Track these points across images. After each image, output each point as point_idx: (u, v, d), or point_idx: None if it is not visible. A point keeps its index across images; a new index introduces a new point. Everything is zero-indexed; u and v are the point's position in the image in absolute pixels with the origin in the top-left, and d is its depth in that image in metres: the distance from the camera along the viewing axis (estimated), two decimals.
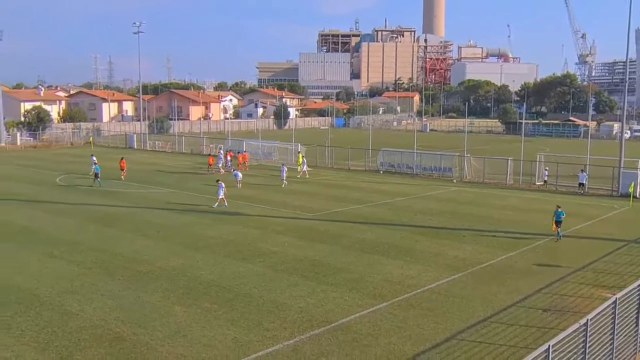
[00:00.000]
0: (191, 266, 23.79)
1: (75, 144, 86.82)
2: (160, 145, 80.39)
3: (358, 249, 26.89)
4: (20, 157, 68.03)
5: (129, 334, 17.01)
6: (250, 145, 64.66)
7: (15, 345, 16.21)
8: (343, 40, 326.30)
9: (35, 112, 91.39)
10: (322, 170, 57.13)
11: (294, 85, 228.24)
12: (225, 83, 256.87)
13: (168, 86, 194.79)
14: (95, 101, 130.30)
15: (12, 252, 25.79)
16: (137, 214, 34.60)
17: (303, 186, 46.27)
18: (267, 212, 35.31)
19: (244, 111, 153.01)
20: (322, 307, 19.35)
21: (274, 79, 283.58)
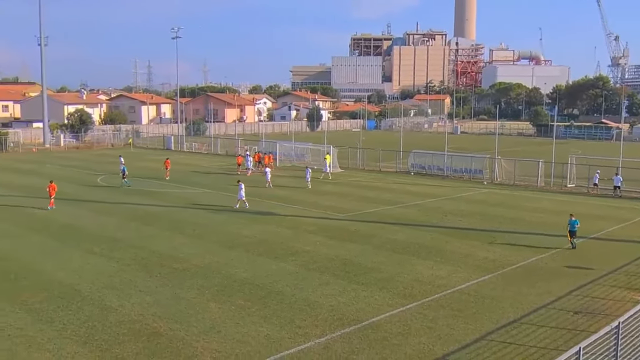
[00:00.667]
0: (226, 264, 23.98)
1: (115, 146, 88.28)
2: (197, 147, 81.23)
3: (389, 249, 26.77)
4: (63, 157, 69.50)
5: (165, 330, 17.23)
6: (283, 147, 64.88)
7: (58, 338, 16.56)
8: (375, 43, 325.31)
9: (77, 114, 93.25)
10: (354, 171, 57.05)
11: (327, 88, 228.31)
12: (260, 86, 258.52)
13: (204, 89, 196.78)
14: (134, 104, 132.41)
15: (56, 248, 26.36)
16: (174, 213, 35.04)
17: (334, 187, 46.26)
18: (300, 212, 35.40)
19: (277, 114, 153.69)
20: (353, 306, 19.31)
21: (307, 82, 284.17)
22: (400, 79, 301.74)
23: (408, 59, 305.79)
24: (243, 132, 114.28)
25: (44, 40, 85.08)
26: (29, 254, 25.30)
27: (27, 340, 16.37)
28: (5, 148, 75.46)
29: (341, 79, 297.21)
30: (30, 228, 30.41)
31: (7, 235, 28.81)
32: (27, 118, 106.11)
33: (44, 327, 17.32)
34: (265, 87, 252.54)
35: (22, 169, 56.68)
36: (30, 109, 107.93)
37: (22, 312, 18.45)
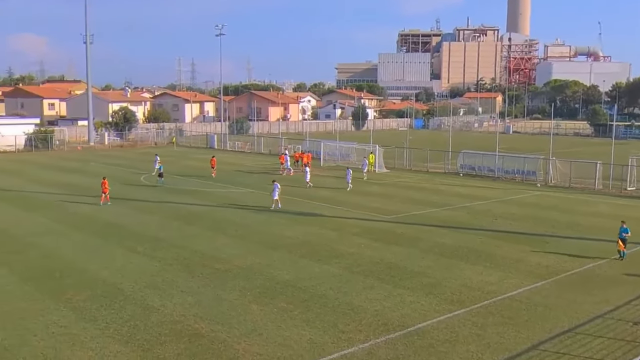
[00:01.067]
0: (268, 265, 24.17)
1: (159, 144, 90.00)
2: (240, 146, 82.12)
3: (436, 252, 26.52)
4: (107, 156, 71.28)
5: (207, 331, 17.47)
6: (327, 146, 65.01)
7: (100, 337, 16.99)
8: (423, 40, 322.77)
9: (122, 112, 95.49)
10: (400, 172, 56.72)
11: (373, 86, 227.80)
12: (304, 84, 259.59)
13: (248, 87, 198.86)
14: (178, 102, 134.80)
15: (99, 247, 27.06)
16: (216, 212, 35.51)
17: (380, 188, 46.09)
18: (344, 213, 35.40)
19: (322, 112, 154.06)
20: (398, 311, 19.20)
21: (352, 79, 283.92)
22: (450, 77, 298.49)
23: (458, 55, 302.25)
24: (287, 130, 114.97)
25: (89, 38, 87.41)
26: (73, 252, 26.04)
27: (70, 338, 16.85)
28: (51, 146, 77.83)
29: (388, 76, 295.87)
30: (75, 226, 31.29)
31: (52, 233, 29.72)
32: (72, 116, 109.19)
33: (87, 325, 17.79)
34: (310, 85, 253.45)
35: (67, 167, 58.36)
36: (75, 107, 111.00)
37: (66, 310, 19.00)
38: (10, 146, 74.47)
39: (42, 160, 64.37)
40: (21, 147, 75.76)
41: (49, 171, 55.00)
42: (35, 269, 23.40)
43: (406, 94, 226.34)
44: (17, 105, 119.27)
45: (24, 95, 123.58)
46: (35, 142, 76.70)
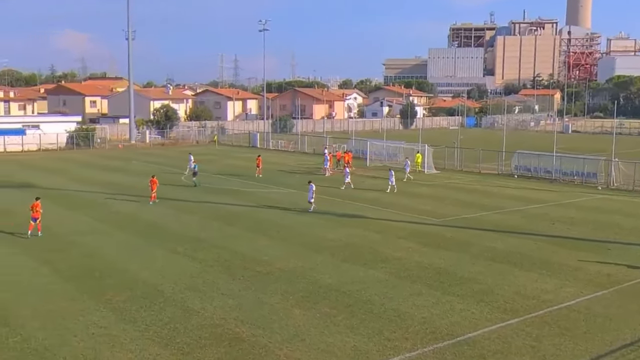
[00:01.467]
0: (311, 269, 24.26)
1: (200, 142, 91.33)
2: (283, 145, 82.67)
3: (488, 258, 26.17)
4: (148, 154, 72.70)
5: (247, 335, 17.65)
6: (374, 145, 64.86)
7: (140, 339, 17.35)
8: (476, 34, 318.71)
9: (163, 110, 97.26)
10: (450, 172, 56.19)
11: (422, 83, 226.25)
12: (350, 80, 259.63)
13: (292, 84, 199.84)
14: (220, 99, 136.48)
15: (140, 247, 27.63)
16: (258, 213, 35.83)
17: (429, 189, 45.75)
18: (390, 215, 35.25)
19: (368, 110, 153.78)
20: (447, 319, 19.03)
21: (400, 76, 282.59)
22: (504, 72, 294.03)
23: (513, 50, 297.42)
24: (331, 129, 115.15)
25: (131, 34, 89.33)
26: (114, 252, 26.66)
27: (110, 339, 17.26)
28: (92, 144, 79.84)
29: (438, 72, 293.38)
30: (116, 225, 32.03)
31: (94, 232, 30.50)
32: (114, 114, 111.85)
33: (127, 326, 18.19)
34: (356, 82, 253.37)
35: (109, 166, 59.77)
36: (117, 104, 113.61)
37: (106, 310, 19.47)
38: (52, 144, 76.70)
39: (83, 159, 66.10)
40: (63, 145, 77.95)
41: (91, 169, 56.42)
42: (76, 268, 24.05)
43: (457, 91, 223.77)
44: (59, 102, 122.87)
45: (66, 93, 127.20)
46: (77, 140, 78.79)
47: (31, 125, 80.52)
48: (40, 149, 75.18)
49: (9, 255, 25.90)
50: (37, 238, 28.84)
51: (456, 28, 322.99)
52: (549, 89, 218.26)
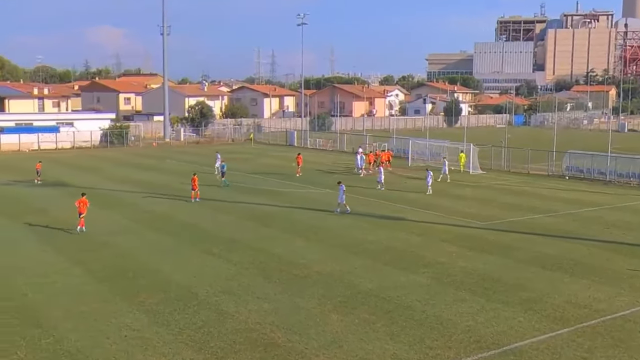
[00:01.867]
0: (349, 272, 24.25)
1: (236, 141, 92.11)
2: (321, 144, 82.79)
3: (536, 264, 25.79)
4: (183, 152, 73.62)
5: (283, 341, 17.72)
6: (416, 144, 64.53)
7: (174, 342, 17.57)
8: (525, 27, 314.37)
9: (198, 107, 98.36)
10: (497, 173, 55.58)
11: (468, 79, 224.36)
12: (392, 77, 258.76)
13: (331, 80, 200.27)
14: (256, 96, 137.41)
15: (174, 247, 28.00)
16: (295, 214, 35.96)
17: (474, 191, 45.32)
18: (433, 218, 35.02)
19: (410, 107, 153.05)
20: (493, 328, 18.81)
21: (445, 71, 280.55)
22: (555, 68, 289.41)
23: (565, 44, 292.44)
24: (372, 127, 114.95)
25: (166, 30, 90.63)
26: (147, 253, 27.08)
27: (143, 342, 17.52)
28: (126, 142, 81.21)
29: (484, 67, 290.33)
30: (149, 225, 32.52)
31: (127, 232, 31.02)
32: (148, 111, 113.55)
33: (160, 329, 18.45)
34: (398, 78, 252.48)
35: (143, 164, 60.72)
36: (151, 101, 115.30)
37: (139, 312, 19.77)
38: (85, 142, 78.31)
39: (117, 157, 67.30)
40: (97, 143, 79.50)
41: (124, 168, 57.40)
42: (109, 269, 24.50)
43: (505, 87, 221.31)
44: (93, 99, 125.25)
45: (100, 90, 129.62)
46: (111, 138, 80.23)
47: (65, 123, 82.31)
48: (74, 147, 76.82)
49: (42, 255, 26.53)
50: (69, 238, 29.49)
51: (504, 21, 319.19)
52: (604, 85, 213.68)
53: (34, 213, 35.53)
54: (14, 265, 24.94)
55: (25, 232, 30.92)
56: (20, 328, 18.37)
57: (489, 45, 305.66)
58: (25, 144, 74.38)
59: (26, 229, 31.45)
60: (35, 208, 37.14)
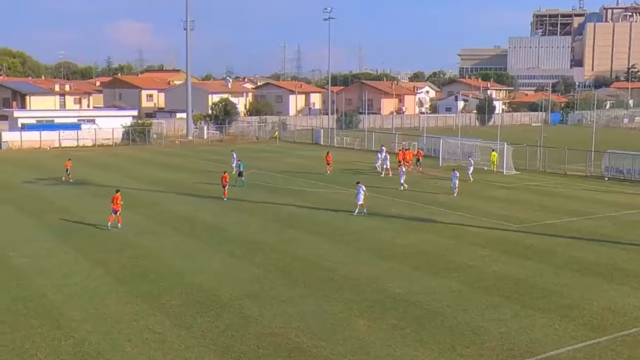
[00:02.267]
0: (377, 277, 24.20)
1: (260, 139, 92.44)
2: (348, 142, 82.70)
3: (573, 269, 25.51)
4: (206, 151, 74.08)
5: (308, 346, 17.75)
6: (447, 143, 64.21)
7: (196, 346, 17.70)
8: (563, 21, 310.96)
9: (222, 104, 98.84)
10: (532, 174, 55.07)
11: (501, 75, 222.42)
12: (422, 73, 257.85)
13: (359, 77, 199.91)
14: (282, 93, 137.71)
15: (196, 249, 28.20)
16: (321, 215, 36.00)
17: (507, 192, 44.96)
18: (465, 220, 34.81)
19: (441, 105, 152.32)
20: (527, 335, 18.64)
21: (477, 67, 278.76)
22: (594, 64, 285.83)
23: (605, 38, 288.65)
24: (401, 125, 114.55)
25: (189, 25, 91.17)
26: (168, 254, 27.31)
27: (165, 345, 17.68)
28: (148, 140, 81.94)
29: (519, 63, 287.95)
30: (171, 226, 32.80)
31: (149, 232, 31.32)
32: (170, 108, 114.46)
33: (182, 333, 18.59)
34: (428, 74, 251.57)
35: (165, 163, 61.25)
36: (174, 98, 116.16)
37: (160, 315, 19.96)
38: (107, 139, 79.19)
39: (139, 155, 67.97)
40: (118, 141, 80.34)
41: (147, 166, 57.96)
42: (130, 270, 24.76)
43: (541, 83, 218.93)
44: (115, 96, 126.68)
45: (122, 86, 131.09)
46: (133, 135, 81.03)
47: (86, 120, 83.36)
48: (96, 145, 77.72)
49: (63, 255, 26.91)
50: (90, 238, 29.87)
51: (540, 14, 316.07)
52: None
53: (55, 212, 36.04)
54: (34, 265, 25.34)
55: (46, 231, 31.38)
56: (40, 329, 18.67)
57: (524, 40, 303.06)
58: (46, 141, 75.44)
59: (47, 229, 31.92)
60: (56, 207, 37.68)
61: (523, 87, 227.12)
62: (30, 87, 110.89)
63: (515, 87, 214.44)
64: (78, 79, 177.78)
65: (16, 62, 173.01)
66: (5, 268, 24.88)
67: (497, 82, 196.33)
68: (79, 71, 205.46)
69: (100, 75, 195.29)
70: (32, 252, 27.31)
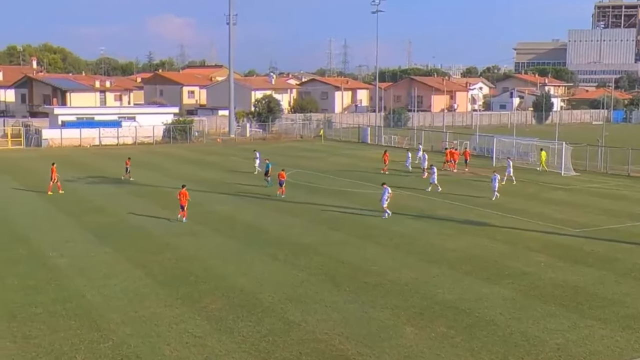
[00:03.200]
0: (426, 282, 24.05)
1: (304, 137, 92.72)
2: (397, 141, 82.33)
3: (637, 277, 24.95)
4: (249, 149, 74.50)
5: (353, 353, 17.73)
6: (501, 142, 63.45)
7: (237, 351, 17.84)
8: (627, 12, 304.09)
9: (265, 101, 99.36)
10: (592, 175, 54.04)
11: (560, 71, 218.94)
12: (475, 68, 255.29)
13: (408, 72, 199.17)
14: (327, 89, 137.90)
15: (238, 250, 28.45)
16: (367, 217, 35.92)
17: (566, 195, 44.20)
18: (519, 224, 34.34)
19: (495, 101, 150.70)
20: (586, 347, 18.31)
21: (534, 62, 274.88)
22: None
23: None
24: (452, 123, 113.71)
25: (232, 19, 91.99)
26: (209, 255, 27.59)
27: (205, 350, 17.87)
28: (189, 138, 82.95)
29: (580, 58, 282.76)
30: (212, 227, 33.14)
31: (190, 233, 31.70)
32: (212, 105, 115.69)
33: (222, 337, 18.77)
34: (482, 70, 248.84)
35: (206, 161, 61.94)
36: (216, 94, 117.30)
37: (201, 318, 20.18)
38: (148, 137, 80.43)
39: (180, 153, 68.87)
40: (159, 139, 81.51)
41: (188, 165, 58.70)
42: (170, 272, 25.10)
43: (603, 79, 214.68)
44: (156, 92, 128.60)
45: (163, 82, 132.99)
46: (174, 133, 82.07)
47: (127, 117, 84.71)
48: (136, 143, 78.96)
49: (103, 255, 27.42)
50: (130, 239, 30.39)
51: (602, 6, 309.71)
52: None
53: (94, 211, 36.79)
54: (72, 265, 25.90)
55: (86, 231, 32.02)
56: (79, 331, 19.06)
57: (585, 33, 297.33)
58: (86, 139, 76.88)
59: (86, 228, 32.56)
60: (95, 206, 38.44)
61: (583, 83, 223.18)
62: (70, 83, 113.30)
63: (575, 83, 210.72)
64: (119, 75, 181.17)
65: (57, 58, 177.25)
66: (45, 268, 25.49)
67: (555, 77, 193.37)
68: (120, 67, 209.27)
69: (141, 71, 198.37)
70: (71, 252, 27.92)
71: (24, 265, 25.91)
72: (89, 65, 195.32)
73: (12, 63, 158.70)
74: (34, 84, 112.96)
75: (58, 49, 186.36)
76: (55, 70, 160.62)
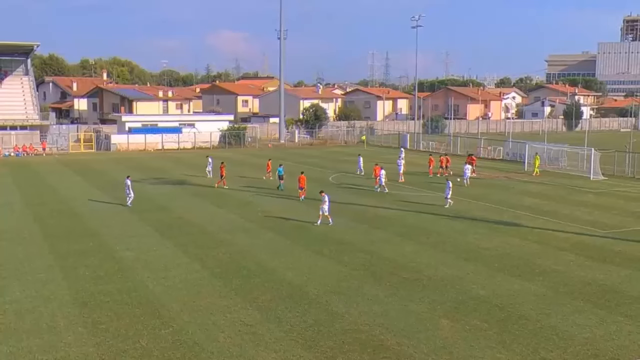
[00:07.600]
0: (461, 278, 23.77)
1: (348, 143, 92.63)
2: (434, 146, 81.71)
3: None
4: (297, 154, 74.88)
5: (392, 344, 17.61)
6: (533, 148, 62.40)
7: (284, 339, 17.89)
8: None
9: (312, 110, 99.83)
10: (621, 179, 52.76)
11: (590, 81, 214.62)
12: (509, 78, 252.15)
13: (445, 83, 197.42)
14: (369, 99, 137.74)
15: (286, 247, 28.52)
16: (406, 217, 35.68)
17: (595, 197, 43.20)
18: (551, 225, 33.69)
19: (528, 110, 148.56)
20: (613, 342, 17.84)
21: (565, 73, 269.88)
22: None
23: None
24: (487, 130, 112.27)
25: (283, 34, 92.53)
26: (260, 251, 27.72)
27: (255, 337, 17.96)
28: (243, 143, 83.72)
29: (608, 69, 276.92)
30: (263, 225, 33.28)
31: (242, 230, 31.91)
32: (264, 113, 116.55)
33: (271, 326, 18.84)
34: (515, 80, 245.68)
35: (258, 164, 62.23)
36: (267, 103, 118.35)
37: (252, 309, 20.29)
38: (205, 142, 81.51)
39: (234, 157, 69.39)
40: (215, 144, 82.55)
41: (241, 168, 59.12)
42: (225, 266, 25.30)
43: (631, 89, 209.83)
44: (213, 101, 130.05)
45: (219, 92, 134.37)
46: (229, 138, 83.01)
47: (187, 124, 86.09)
48: (195, 147, 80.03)
49: (164, 250, 27.80)
50: (189, 235, 30.74)
51: (631, 19, 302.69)
52: None
53: (157, 210, 37.33)
54: (137, 258, 26.32)
55: (149, 227, 32.51)
56: (142, 318, 19.36)
57: (614, 46, 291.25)
58: (150, 143, 78.44)
59: (149, 225, 33.05)
60: (157, 205, 39.00)
61: (612, 93, 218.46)
62: (136, 93, 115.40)
63: (604, 93, 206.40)
64: (180, 85, 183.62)
65: (124, 71, 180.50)
66: (112, 260, 25.96)
67: (585, 87, 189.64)
68: (181, 78, 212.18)
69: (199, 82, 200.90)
70: (136, 246, 28.36)
71: (93, 257, 26.44)
72: (153, 77, 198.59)
73: (85, 75, 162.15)
74: (104, 93, 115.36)
75: (126, 62, 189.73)
76: (123, 81, 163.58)
